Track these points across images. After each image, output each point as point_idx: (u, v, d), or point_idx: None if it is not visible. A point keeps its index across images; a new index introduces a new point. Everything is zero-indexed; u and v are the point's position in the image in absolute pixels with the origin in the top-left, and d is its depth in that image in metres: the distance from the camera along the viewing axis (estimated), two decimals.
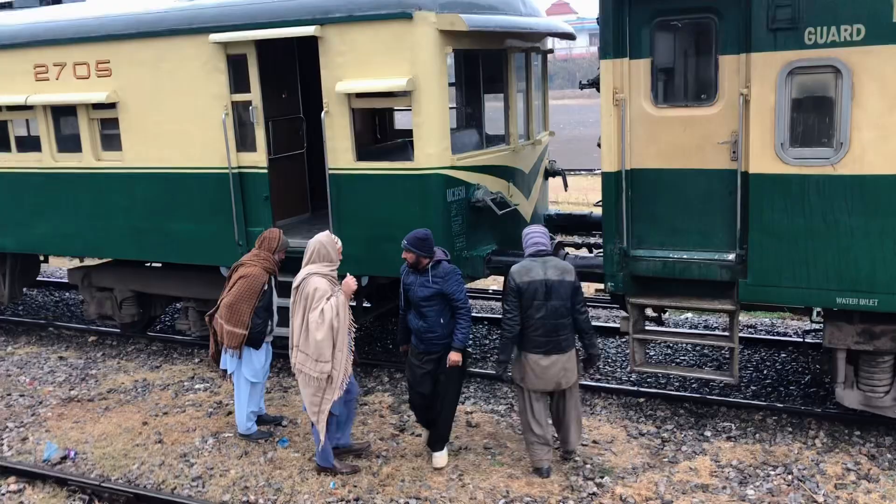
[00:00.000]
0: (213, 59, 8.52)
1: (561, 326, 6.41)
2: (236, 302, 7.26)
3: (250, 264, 7.43)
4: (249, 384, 7.46)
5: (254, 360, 7.43)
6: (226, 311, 7.31)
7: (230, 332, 7.29)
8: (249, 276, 7.33)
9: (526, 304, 6.43)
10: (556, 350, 6.42)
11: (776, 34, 6.17)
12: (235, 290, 7.31)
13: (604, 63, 6.88)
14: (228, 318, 7.28)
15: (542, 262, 6.49)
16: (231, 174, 8.67)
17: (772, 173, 6.40)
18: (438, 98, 7.74)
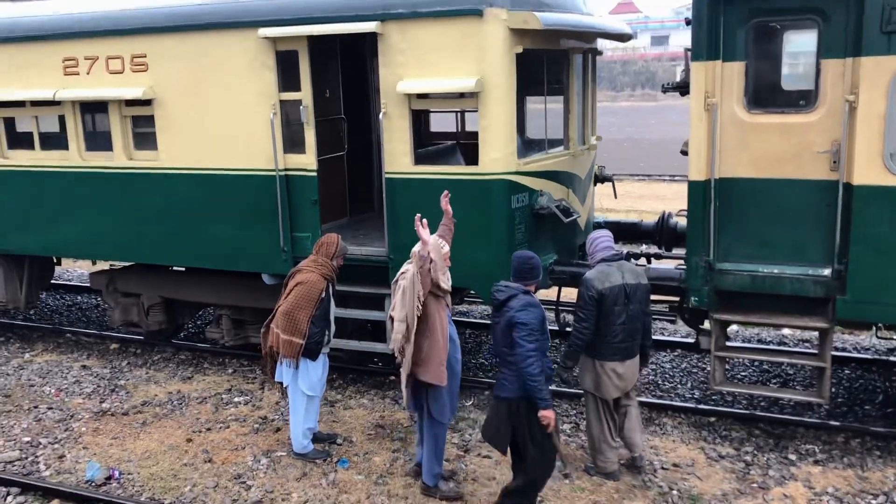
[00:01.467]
0: (261, 55, 8.05)
1: (637, 331, 6.38)
2: (293, 310, 6.83)
3: (308, 270, 7.00)
4: (306, 398, 7.01)
5: (310, 372, 6.99)
6: (282, 320, 6.87)
7: (287, 342, 6.85)
8: (307, 283, 6.89)
9: (607, 310, 6.24)
10: (632, 355, 6.42)
11: (890, 37, 5.82)
12: (292, 298, 6.88)
13: (695, 65, 6.51)
14: (285, 327, 6.85)
15: (617, 266, 6.40)
16: (278, 176, 8.20)
17: (879, 185, 6.06)
18: (507, 100, 7.32)
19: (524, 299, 5.46)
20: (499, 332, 5.55)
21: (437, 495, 6.31)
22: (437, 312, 5.90)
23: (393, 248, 7.88)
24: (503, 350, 5.53)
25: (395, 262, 7.87)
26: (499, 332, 5.55)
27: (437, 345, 5.84)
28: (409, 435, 7.52)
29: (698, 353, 9.45)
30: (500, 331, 5.52)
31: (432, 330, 5.84)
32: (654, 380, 8.72)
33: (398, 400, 8.34)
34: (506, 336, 5.46)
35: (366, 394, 8.58)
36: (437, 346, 5.84)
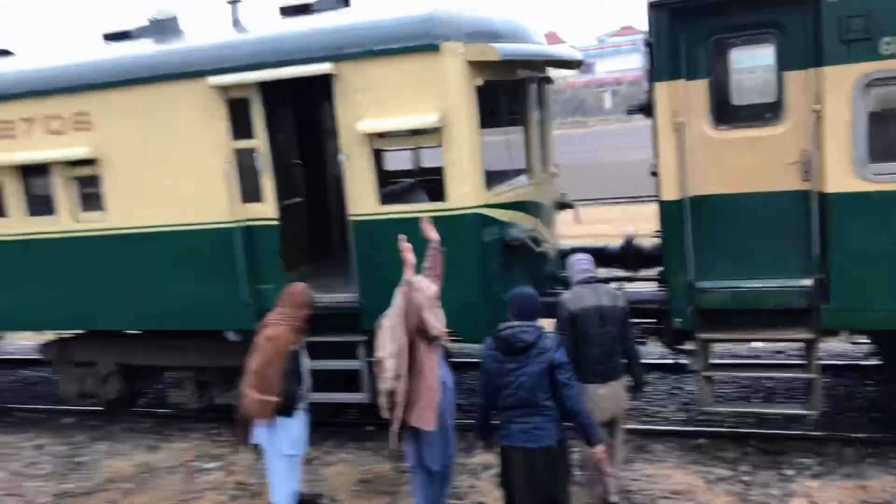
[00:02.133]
0: (211, 104, 7.78)
1: (615, 352, 6.20)
2: (263, 367, 6.46)
3: (275, 324, 6.65)
4: (286, 459, 6.63)
5: (288, 429, 6.60)
6: (253, 379, 6.50)
7: (260, 402, 6.47)
8: (275, 338, 6.54)
9: (582, 331, 6.10)
10: (613, 377, 6.19)
11: (849, 46, 5.89)
12: (261, 355, 6.53)
13: (659, 86, 6.50)
14: (257, 386, 6.47)
15: (592, 288, 6.30)
16: (237, 228, 7.89)
17: (852, 192, 6.08)
18: (471, 133, 7.19)
19: (554, 337, 5.19)
20: (531, 376, 5.01)
21: None
22: (427, 356, 5.64)
23: (363, 292, 7.62)
24: (539, 395, 5.02)
25: (366, 307, 7.61)
26: (531, 377, 5.01)
27: (426, 387, 5.57)
28: (396, 487, 7.19)
29: (675, 374, 9.38)
30: (535, 375, 5.01)
31: (420, 373, 5.58)
32: (638, 405, 8.57)
33: (379, 451, 8.01)
34: (542, 379, 5.00)
35: (344, 447, 8.23)
36: (427, 389, 5.57)
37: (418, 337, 5.56)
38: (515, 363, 5.04)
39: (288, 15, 8.27)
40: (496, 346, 5.15)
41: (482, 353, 5.22)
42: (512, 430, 5.08)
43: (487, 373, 5.20)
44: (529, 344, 5.02)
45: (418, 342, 5.57)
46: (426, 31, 7.03)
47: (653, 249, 9.07)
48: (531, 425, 5.04)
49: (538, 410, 5.05)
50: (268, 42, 7.66)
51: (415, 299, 5.50)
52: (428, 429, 5.56)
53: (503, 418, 5.14)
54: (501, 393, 5.08)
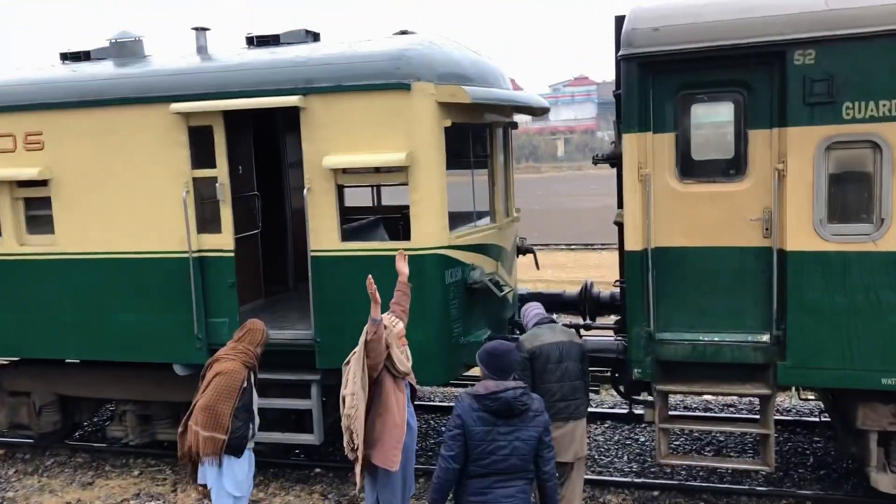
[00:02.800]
0: (172, 131, 7.61)
1: (577, 388, 6.19)
2: (214, 403, 6.20)
3: (227, 359, 6.41)
4: (232, 499, 6.37)
5: (235, 469, 6.34)
6: (202, 415, 6.23)
7: (209, 439, 6.19)
8: (227, 373, 6.29)
9: (539, 369, 6.08)
10: (575, 415, 6.14)
11: (813, 108, 6.04)
12: (212, 390, 6.27)
13: (627, 137, 6.55)
14: (206, 423, 6.20)
15: (548, 327, 6.37)
16: (191, 258, 7.67)
17: (810, 250, 6.18)
18: (437, 174, 7.16)
19: (538, 397, 4.82)
20: (527, 441, 4.64)
21: None
22: (395, 393, 5.51)
23: (320, 330, 7.45)
24: (525, 462, 4.66)
25: (321, 345, 7.44)
26: (527, 442, 4.64)
27: (391, 425, 5.42)
28: None
29: (629, 424, 9.36)
30: (532, 440, 4.65)
31: (387, 409, 5.43)
32: (590, 454, 8.51)
33: (327, 495, 7.78)
34: (534, 444, 4.65)
35: (291, 489, 7.96)
36: (391, 427, 5.42)
37: (385, 374, 5.43)
38: (509, 427, 4.61)
39: (255, 45, 8.17)
40: (485, 407, 4.62)
41: (462, 413, 4.66)
42: (494, 496, 4.65)
43: (470, 436, 4.61)
44: (528, 406, 4.65)
45: (385, 379, 5.43)
46: (397, 70, 7.01)
47: (610, 298, 9.12)
48: (516, 489, 4.68)
49: (525, 475, 4.71)
50: (234, 71, 7.54)
51: (383, 337, 5.37)
52: (392, 469, 5.40)
53: (479, 484, 4.68)
54: (487, 459, 4.62)
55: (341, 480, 8.10)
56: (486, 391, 4.63)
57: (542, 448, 4.69)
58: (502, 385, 4.64)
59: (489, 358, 4.77)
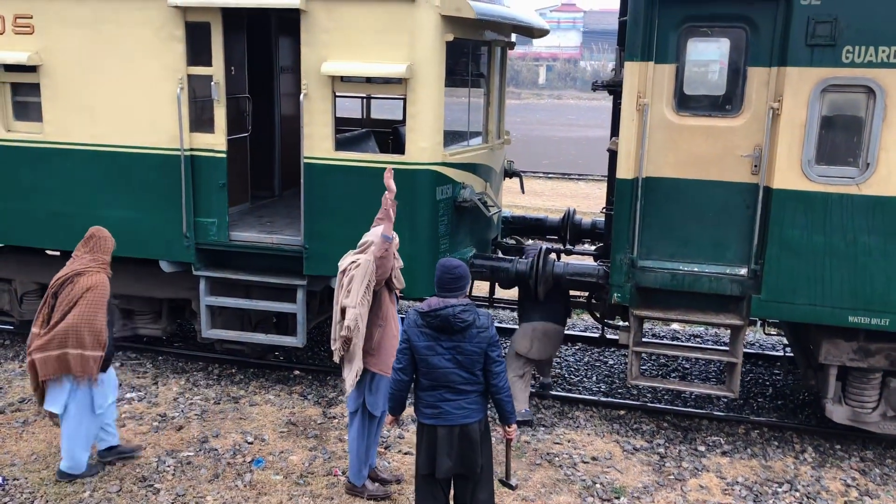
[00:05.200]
0: (168, 25, 7.47)
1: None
2: (91, 319, 5.96)
3: (93, 272, 6.07)
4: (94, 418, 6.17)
5: (105, 386, 6.24)
6: (81, 335, 5.93)
7: (87, 358, 5.95)
8: (97, 287, 6.01)
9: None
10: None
11: (813, 50, 6.13)
12: (85, 307, 5.95)
13: (629, 65, 6.60)
14: (84, 342, 5.93)
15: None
16: (183, 156, 7.65)
17: (796, 189, 6.37)
18: (436, 89, 7.17)
19: (487, 314, 4.96)
20: (469, 355, 4.81)
21: (364, 495, 6.08)
22: (392, 304, 5.68)
23: (309, 236, 7.54)
24: (477, 373, 4.86)
25: (310, 251, 7.54)
26: (469, 356, 4.81)
27: (390, 334, 5.61)
28: (323, 432, 7.23)
29: (599, 347, 9.70)
30: (474, 354, 4.81)
31: (386, 319, 5.60)
32: (561, 373, 8.84)
33: (307, 395, 8.01)
34: (480, 358, 4.83)
35: (271, 389, 8.18)
36: (390, 337, 5.61)
37: (383, 287, 5.58)
38: (452, 342, 4.80)
39: None
40: (427, 323, 4.82)
41: (407, 329, 4.87)
42: (446, 407, 4.88)
43: (415, 350, 4.85)
44: (471, 323, 4.82)
45: (383, 292, 5.58)
46: None
47: (591, 226, 9.32)
48: (467, 400, 4.89)
49: (471, 387, 4.89)
50: None
51: (392, 254, 5.49)
52: (389, 375, 5.60)
53: (429, 397, 4.92)
54: (432, 371, 4.84)
55: (320, 383, 8.34)
56: (429, 308, 4.81)
57: (488, 362, 4.87)
58: (443, 303, 4.80)
59: (437, 274, 4.92)
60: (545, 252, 7.67)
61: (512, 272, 7.70)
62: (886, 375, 6.84)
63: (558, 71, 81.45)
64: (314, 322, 8.38)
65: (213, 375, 8.50)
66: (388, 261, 5.44)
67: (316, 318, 8.38)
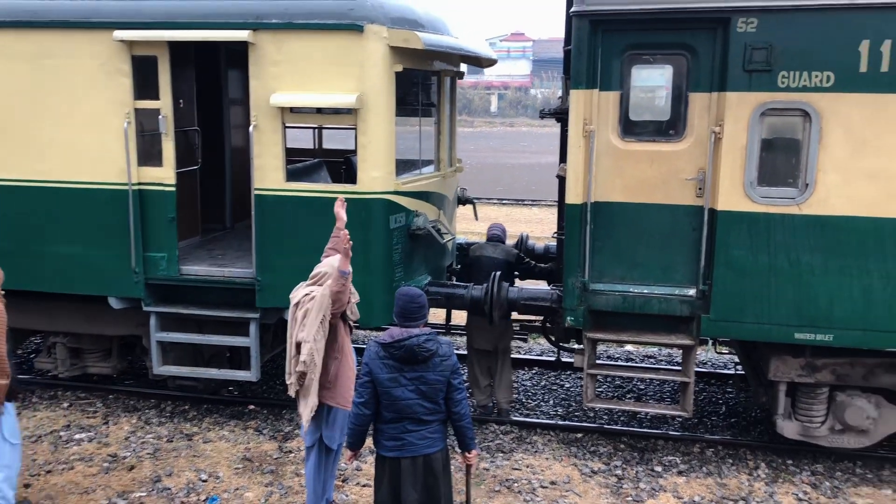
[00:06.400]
0: (114, 59, 7.41)
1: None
2: None
3: None
4: (11, 447, 5.89)
5: (11, 414, 5.93)
6: None
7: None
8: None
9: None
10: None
11: (751, 75, 6.33)
12: None
13: (574, 93, 6.73)
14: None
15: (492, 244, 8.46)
16: (131, 191, 7.55)
17: (739, 211, 6.53)
18: (387, 118, 7.22)
19: (447, 341, 4.94)
20: (433, 385, 4.77)
21: None
22: (347, 336, 5.65)
23: (261, 268, 7.48)
24: (440, 402, 4.83)
25: (262, 283, 7.48)
26: (433, 386, 4.78)
27: (346, 367, 5.57)
28: (279, 467, 7.12)
29: (555, 371, 9.75)
30: (438, 383, 4.78)
31: (342, 352, 5.56)
32: (518, 398, 8.87)
33: (262, 430, 7.89)
34: (443, 387, 4.80)
35: (225, 425, 8.04)
36: (347, 369, 5.57)
37: (339, 320, 5.55)
38: (415, 372, 4.75)
39: None
40: (391, 355, 4.76)
41: (368, 361, 4.81)
42: (408, 439, 4.84)
43: (378, 383, 4.77)
44: (434, 352, 4.78)
45: (339, 324, 5.55)
46: (351, 11, 6.99)
47: (544, 250, 9.41)
48: (429, 430, 4.86)
49: (433, 416, 4.86)
50: (184, 1, 7.35)
51: (349, 288, 5.46)
52: (349, 409, 5.53)
53: (391, 429, 4.86)
54: (396, 403, 4.77)
55: (276, 417, 8.23)
56: (391, 339, 4.77)
57: (451, 391, 4.85)
58: (406, 333, 4.76)
59: (397, 304, 4.87)
60: (499, 278, 7.72)
61: (467, 298, 7.73)
62: (833, 390, 7.00)
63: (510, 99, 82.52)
64: (268, 356, 8.29)
65: (165, 413, 8.33)
66: (344, 295, 5.42)
67: (270, 352, 8.30)
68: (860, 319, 6.46)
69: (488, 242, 8.50)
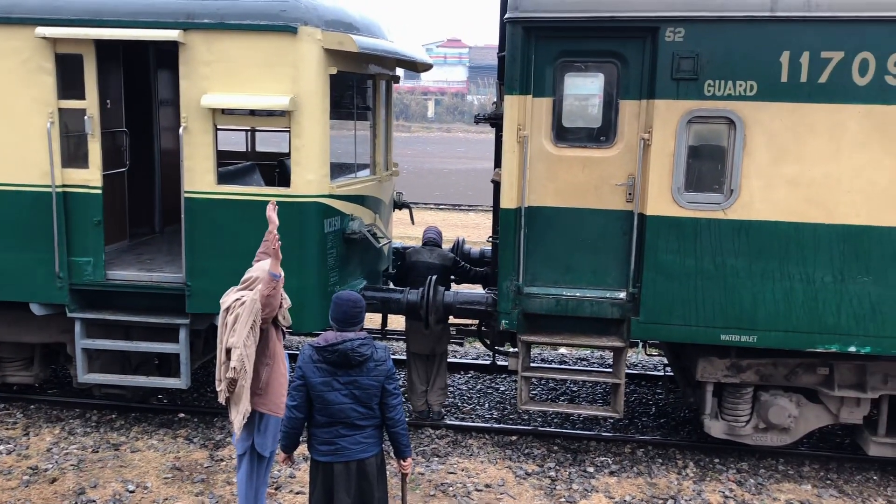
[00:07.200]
0: (37, 57, 7.17)
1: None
2: None
3: None
4: None
5: None
6: None
7: None
8: None
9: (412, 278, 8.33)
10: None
11: (679, 84, 6.49)
12: None
13: (508, 99, 6.80)
14: None
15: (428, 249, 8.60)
16: (54, 193, 7.31)
17: (667, 216, 6.69)
18: (321, 121, 7.16)
19: (383, 346, 4.90)
20: (366, 389, 4.75)
21: None
22: (279, 342, 5.56)
23: (191, 273, 7.33)
24: (374, 407, 4.80)
25: (192, 289, 7.33)
26: (366, 391, 4.75)
27: (278, 373, 5.48)
28: (210, 476, 6.98)
29: (490, 375, 9.81)
30: (372, 388, 4.76)
31: (273, 357, 5.47)
32: (454, 402, 8.89)
33: (192, 439, 7.72)
34: (377, 391, 4.77)
35: (154, 434, 7.84)
36: (279, 375, 5.48)
37: (270, 325, 5.45)
38: (349, 377, 4.72)
39: None
40: (324, 359, 4.73)
41: (302, 365, 4.78)
42: (342, 443, 4.81)
43: (311, 387, 4.74)
44: (369, 357, 4.76)
45: (270, 329, 5.46)
46: (284, 12, 6.92)
47: (479, 255, 9.47)
48: (362, 435, 4.84)
49: (371, 422, 4.84)
50: None
51: (280, 292, 5.37)
52: (280, 415, 5.45)
53: (324, 433, 4.83)
54: (329, 408, 4.75)
55: (207, 425, 8.06)
56: (326, 343, 4.73)
57: (385, 395, 4.83)
58: (341, 337, 4.73)
59: (333, 308, 4.83)
60: (434, 282, 7.73)
61: (403, 302, 7.72)
62: (757, 390, 7.22)
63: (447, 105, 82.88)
64: (199, 362, 8.11)
65: (91, 422, 8.07)
66: (275, 299, 5.34)
67: (200, 359, 8.13)
68: (782, 321, 6.68)
69: (424, 247, 8.55)
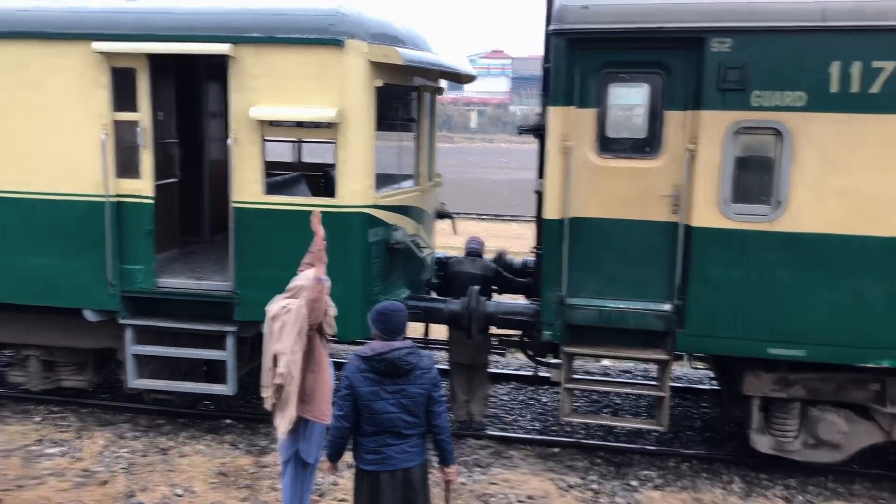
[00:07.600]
0: (93, 71, 7.40)
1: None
2: None
3: None
4: None
5: None
6: None
7: None
8: None
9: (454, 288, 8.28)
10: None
11: (725, 94, 6.44)
12: None
13: (552, 110, 6.82)
14: None
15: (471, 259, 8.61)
16: (108, 203, 7.52)
17: (714, 227, 6.63)
18: (366, 133, 7.26)
19: (427, 354, 4.92)
20: (414, 398, 4.75)
21: None
22: (324, 349, 5.64)
23: (239, 281, 7.46)
24: (420, 416, 4.81)
25: (240, 297, 7.46)
26: (414, 399, 4.75)
27: (323, 380, 5.56)
28: (255, 482, 7.08)
29: (532, 386, 9.79)
30: (419, 396, 4.76)
31: (319, 364, 5.54)
32: (496, 412, 8.89)
33: (238, 445, 7.85)
34: (424, 400, 4.78)
35: (201, 439, 7.98)
36: (323, 382, 5.56)
37: (315, 332, 5.53)
38: (396, 385, 4.72)
39: None
40: (372, 368, 4.73)
41: (349, 375, 4.77)
42: (388, 452, 4.81)
43: (359, 397, 4.74)
44: (415, 365, 4.76)
45: (315, 337, 5.54)
46: (331, 26, 7.04)
47: (522, 265, 9.47)
48: (408, 444, 4.84)
49: (417, 430, 4.85)
50: (163, 14, 7.37)
51: (325, 298, 5.46)
52: (325, 422, 5.52)
53: (371, 442, 4.83)
54: (376, 417, 4.75)
55: (252, 431, 8.18)
56: (373, 352, 4.74)
57: (431, 404, 4.84)
58: (388, 346, 4.74)
59: (378, 318, 4.84)
60: (477, 292, 7.76)
61: (446, 312, 7.76)
62: (806, 405, 7.09)
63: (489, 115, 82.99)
64: (245, 369, 8.25)
65: (140, 427, 8.25)
66: (320, 304, 5.41)
67: (247, 365, 8.25)
68: (831, 335, 6.56)
69: (467, 257, 8.58)
